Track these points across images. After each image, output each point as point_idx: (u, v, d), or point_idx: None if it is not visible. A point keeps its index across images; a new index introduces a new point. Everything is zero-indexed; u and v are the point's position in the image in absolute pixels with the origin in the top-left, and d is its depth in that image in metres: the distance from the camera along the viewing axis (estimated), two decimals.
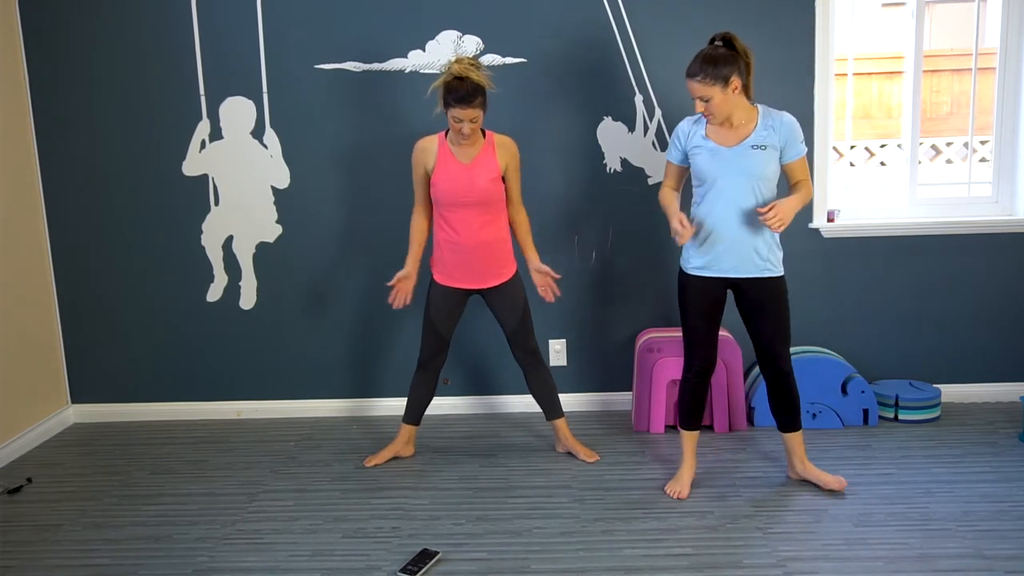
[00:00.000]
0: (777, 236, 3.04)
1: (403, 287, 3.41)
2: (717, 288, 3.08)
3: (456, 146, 3.27)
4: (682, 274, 3.14)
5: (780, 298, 3.07)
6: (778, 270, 3.06)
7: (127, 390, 4.15)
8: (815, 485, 3.19)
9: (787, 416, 3.18)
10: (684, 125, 3.09)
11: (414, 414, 3.55)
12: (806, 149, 3.02)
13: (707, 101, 2.89)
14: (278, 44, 3.85)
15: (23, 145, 3.90)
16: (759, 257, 3.02)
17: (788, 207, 2.92)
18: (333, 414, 4.13)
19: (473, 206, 3.26)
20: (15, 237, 3.83)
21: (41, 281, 4.01)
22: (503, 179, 3.30)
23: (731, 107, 2.92)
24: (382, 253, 3.99)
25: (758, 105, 3.01)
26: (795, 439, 3.20)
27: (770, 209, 2.88)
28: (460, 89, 3.09)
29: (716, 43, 2.93)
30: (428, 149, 3.30)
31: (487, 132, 3.31)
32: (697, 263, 3.07)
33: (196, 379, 4.14)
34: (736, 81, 2.88)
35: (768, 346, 3.10)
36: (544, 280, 3.40)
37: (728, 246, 3.00)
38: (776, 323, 3.07)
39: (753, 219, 2.98)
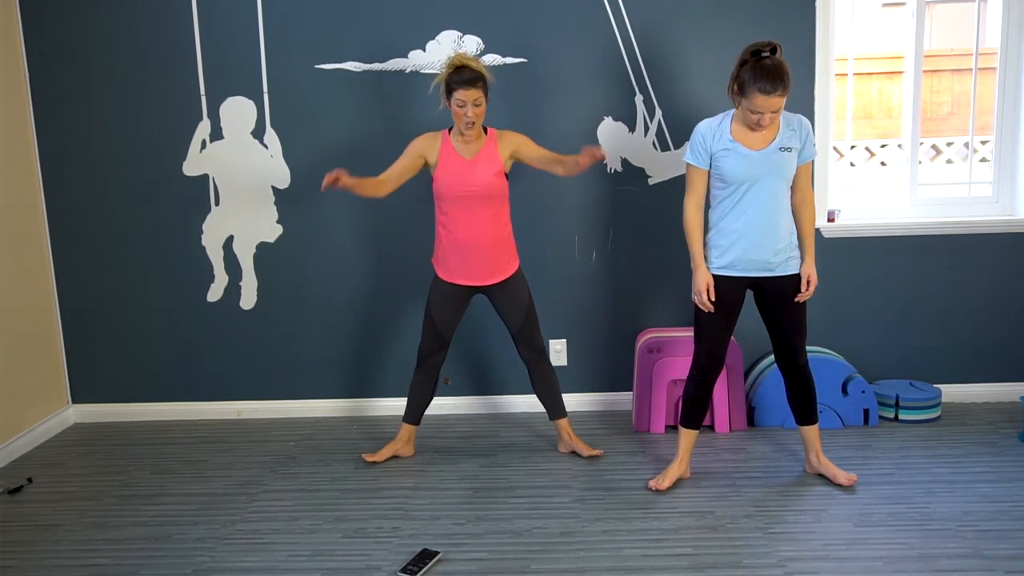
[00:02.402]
0: (795, 234, 3.08)
1: (336, 175, 3.10)
2: (738, 289, 3.09)
3: (459, 140, 3.28)
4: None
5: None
6: (798, 266, 3.09)
7: (127, 390, 4.15)
8: (827, 480, 3.22)
9: (804, 409, 3.21)
10: (706, 126, 3.04)
11: (414, 414, 3.55)
12: (817, 152, 3.04)
13: (776, 112, 2.89)
14: (278, 44, 3.85)
15: (23, 144, 3.90)
16: (782, 256, 3.04)
17: (812, 267, 3.07)
18: (333, 414, 4.13)
19: (475, 200, 3.26)
20: (15, 237, 3.83)
21: (41, 281, 4.01)
22: (520, 161, 3.32)
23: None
24: (382, 253, 3.99)
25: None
26: (812, 432, 3.23)
27: (808, 287, 3.06)
28: (462, 73, 3.16)
29: (764, 54, 2.88)
30: (432, 141, 3.31)
31: (488, 129, 3.32)
32: (721, 263, 3.07)
33: (196, 379, 4.13)
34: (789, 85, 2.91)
35: (787, 342, 3.13)
36: (591, 153, 3.11)
37: (755, 247, 3.02)
38: (796, 319, 3.11)
39: (779, 220, 3.00)
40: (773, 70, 2.83)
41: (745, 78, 2.87)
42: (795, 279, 3.08)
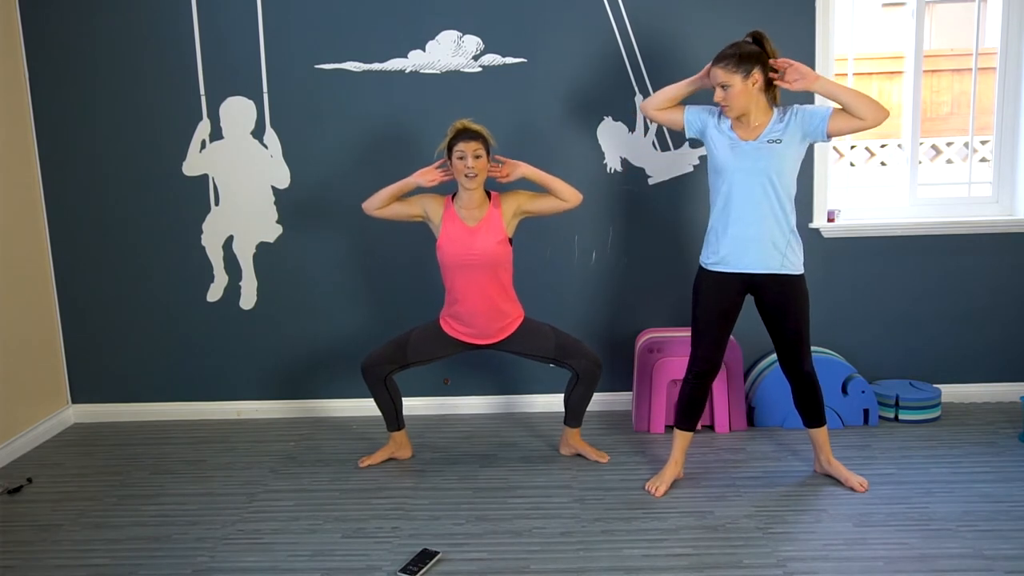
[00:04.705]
0: (795, 230, 3.06)
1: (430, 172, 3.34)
2: (735, 288, 3.08)
3: (462, 207, 3.28)
4: (700, 270, 3.15)
5: (801, 298, 3.08)
6: (798, 269, 3.07)
7: (127, 390, 4.15)
8: (827, 480, 3.23)
9: (812, 413, 3.20)
10: (718, 107, 3.07)
11: (393, 421, 3.53)
12: (830, 108, 2.98)
13: (726, 89, 2.92)
14: (278, 44, 3.85)
15: (23, 145, 3.90)
16: (777, 251, 3.02)
17: (815, 77, 2.95)
18: (333, 414, 4.13)
19: (477, 268, 3.26)
20: (15, 237, 3.83)
21: (41, 281, 4.01)
22: (529, 215, 3.34)
23: (748, 102, 2.95)
24: (382, 253, 3.99)
25: (775, 107, 3.03)
26: (820, 434, 3.23)
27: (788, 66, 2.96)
28: (463, 131, 3.23)
29: (746, 39, 2.98)
30: (436, 204, 3.32)
31: (492, 193, 3.33)
32: (715, 258, 3.08)
33: (196, 379, 4.14)
34: (757, 76, 2.93)
35: (790, 348, 3.11)
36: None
37: (746, 240, 3.01)
38: (798, 324, 3.08)
39: (770, 215, 2.99)
40: (728, 46, 2.96)
41: None
42: (795, 281, 3.06)
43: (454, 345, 3.42)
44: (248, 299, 4.06)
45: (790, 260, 3.05)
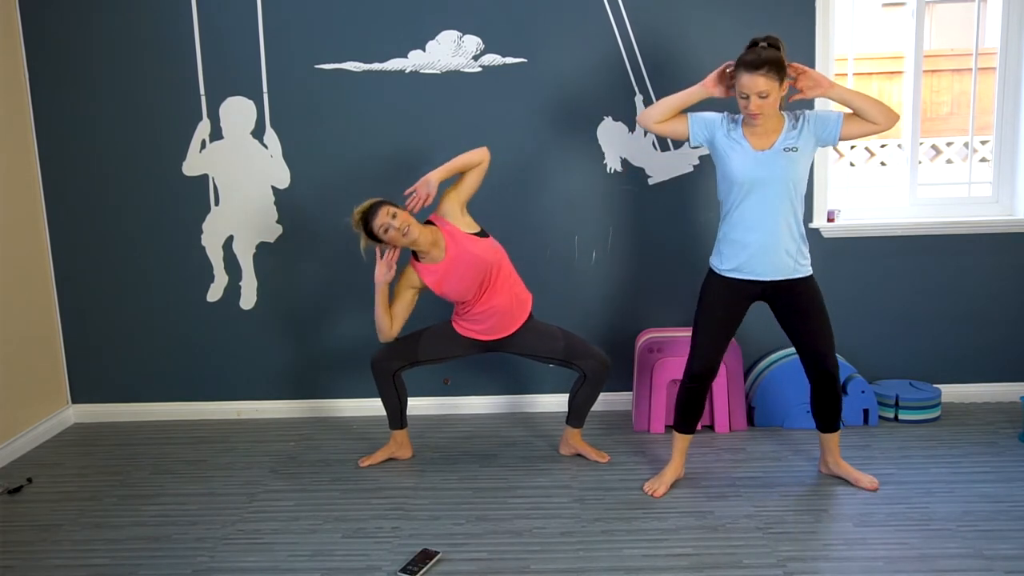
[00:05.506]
0: (804, 234, 3.04)
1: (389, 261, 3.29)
2: (746, 294, 3.06)
3: (424, 256, 3.27)
4: (711, 274, 3.12)
5: (817, 297, 3.06)
6: (808, 269, 3.06)
7: (127, 390, 4.15)
8: (827, 480, 3.23)
9: (829, 417, 3.17)
10: (723, 114, 3.03)
11: (397, 419, 3.54)
12: (840, 113, 2.97)
13: (765, 97, 2.84)
14: (278, 44, 3.85)
15: (23, 145, 3.90)
16: (790, 256, 3.01)
17: (830, 83, 2.94)
18: (333, 414, 4.14)
19: (479, 277, 3.26)
20: (15, 237, 3.83)
21: (41, 281, 4.01)
22: (465, 200, 3.30)
23: (776, 109, 2.93)
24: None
25: (782, 112, 3.00)
26: (833, 438, 3.22)
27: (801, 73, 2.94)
28: (367, 214, 3.18)
29: (762, 44, 2.89)
30: (410, 274, 3.31)
31: (430, 219, 3.30)
32: (730, 265, 3.04)
33: (196, 379, 4.13)
34: (786, 83, 2.90)
35: (814, 349, 3.07)
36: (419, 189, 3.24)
37: (761, 249, 2.98)
38: (819, 324, 3.05)
39: (784, 224, 2.97)
40: (761, 52, 2.86)
41: (737, 62, 2.90)
42: (808, 282, 3.05)
43: (465, 345, 3.42)
44: (248, 299, 4.06)
45: (800, 263, 3.04)
